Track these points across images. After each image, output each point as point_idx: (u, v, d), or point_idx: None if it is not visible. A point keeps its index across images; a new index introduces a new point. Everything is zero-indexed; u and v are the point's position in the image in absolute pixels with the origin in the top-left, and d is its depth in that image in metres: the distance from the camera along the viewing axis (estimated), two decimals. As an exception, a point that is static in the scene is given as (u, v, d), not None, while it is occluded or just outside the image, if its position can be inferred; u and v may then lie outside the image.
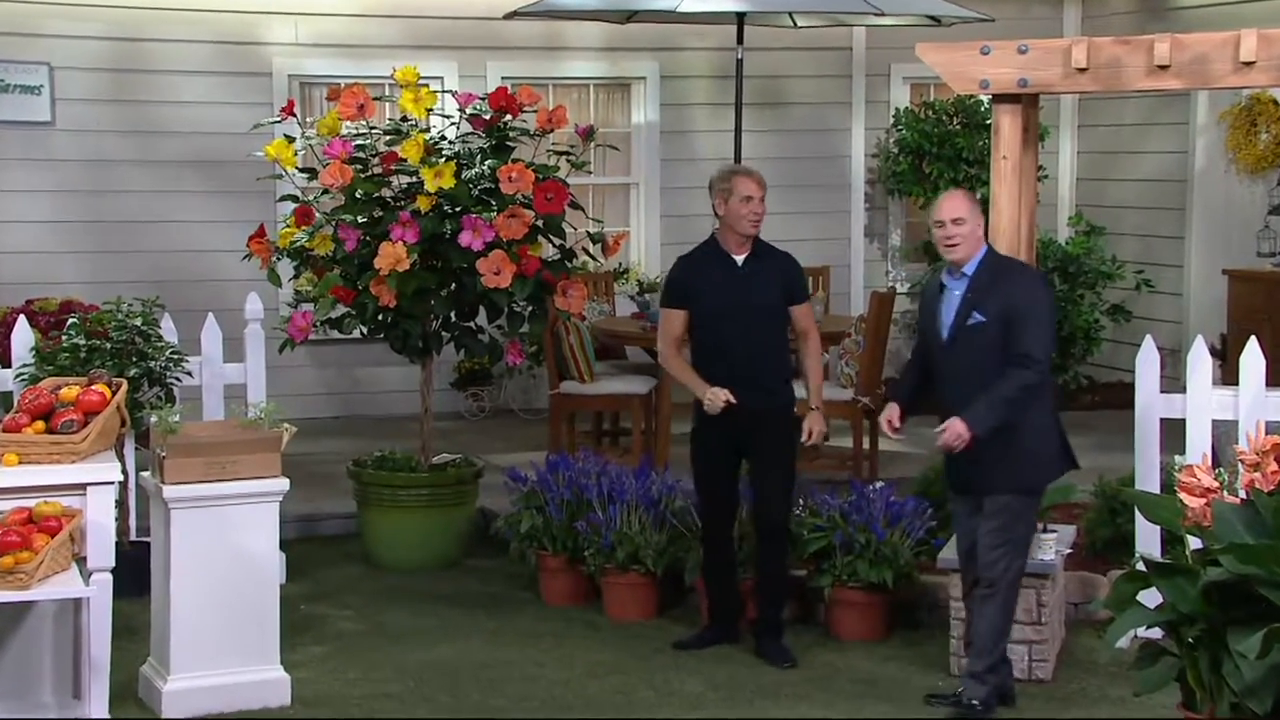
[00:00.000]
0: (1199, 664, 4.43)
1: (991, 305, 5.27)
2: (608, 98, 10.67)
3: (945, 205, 5.40)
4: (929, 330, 5.45)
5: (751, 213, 5.90)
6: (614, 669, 5.88)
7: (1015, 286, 5.30)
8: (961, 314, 5.31)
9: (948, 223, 5.33)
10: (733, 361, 5.88)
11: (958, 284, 5.36)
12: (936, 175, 10.41)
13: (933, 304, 5.44)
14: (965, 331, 5.29)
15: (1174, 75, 5.47)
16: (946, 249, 5.36)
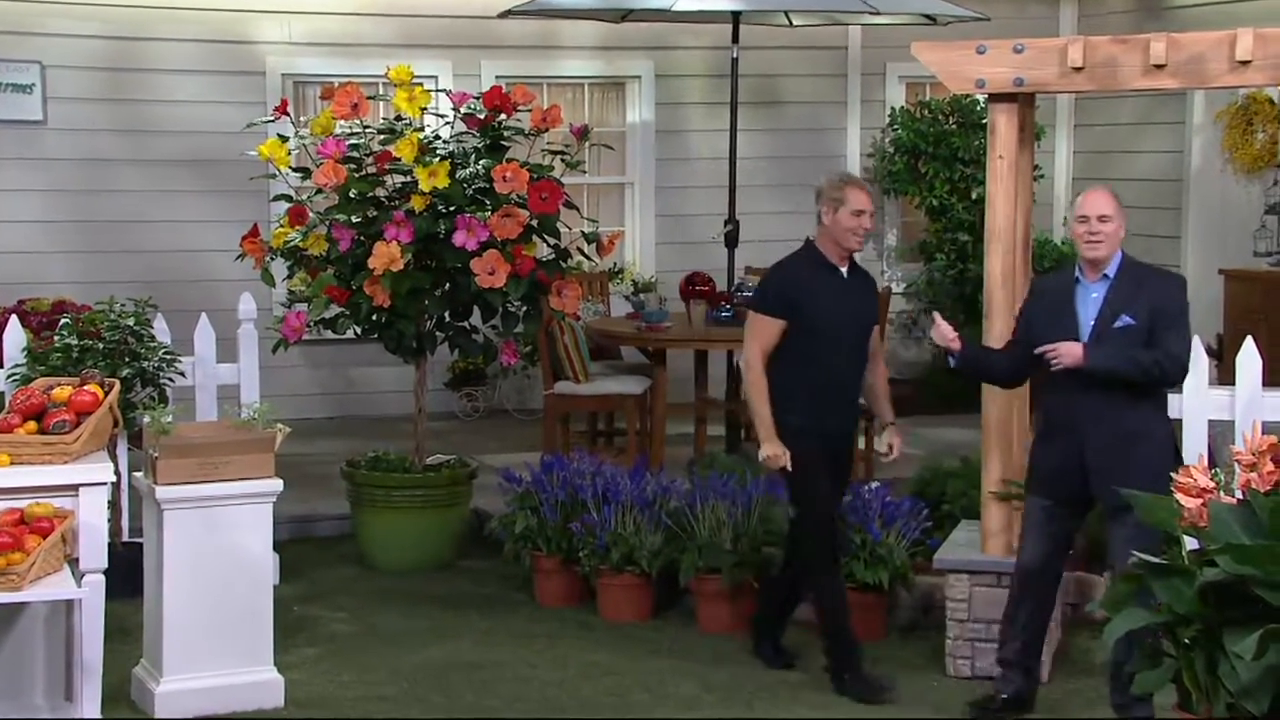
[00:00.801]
0: (1195, 665, 4.42)
1: (1139, 308, 5.08)
2: (603, 97, 10.65)
3: (1091, 201, 5.18)
4: (1051, 330, 5.14)
5: (860, 227, 5.62)
6: (608, 670, 5.86)
7: (1163, 290, 5.13)
8: (1105, 316, 5.10)
9: (1093, 219, 5.12)
10: (828, 377, 5.58)
11: (1097, 285, 5.14)
12: (932, 175, 10.40)
13: (1060, 303, 5.17)
14: (1110, 334, 5.08)
15: (1170, 75, 5.46)
16: (1089, 245, 5.13)
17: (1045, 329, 5.17)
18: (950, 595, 5.79)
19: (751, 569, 6.31)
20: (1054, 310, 5.19)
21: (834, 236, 5.66)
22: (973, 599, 5.75)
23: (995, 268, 5.77)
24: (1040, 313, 5.25)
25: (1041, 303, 5.29)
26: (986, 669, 5.70)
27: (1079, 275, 5.18)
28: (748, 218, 9.36)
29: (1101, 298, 5.12)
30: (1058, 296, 5.21)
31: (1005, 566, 5.72)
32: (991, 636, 5.71)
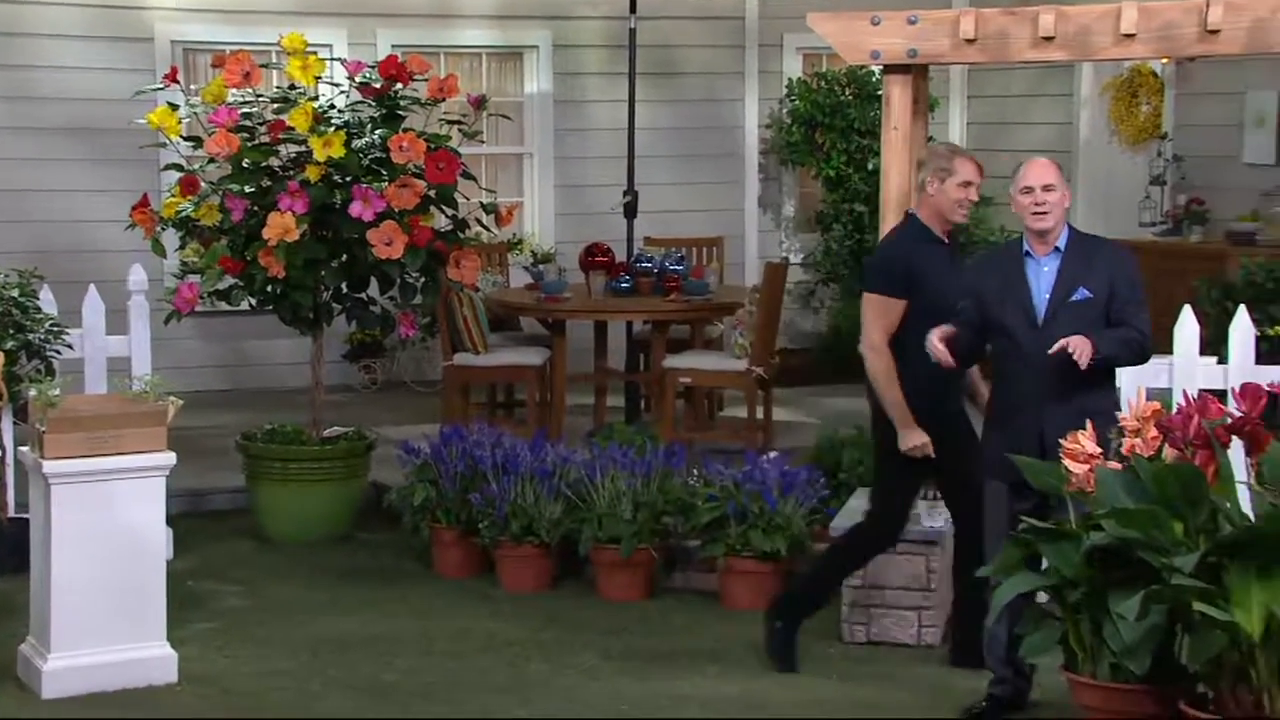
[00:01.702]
0: (1081, 627, 4.52)
1: (1096, 280, 4.88)
2: (500, 67, 10.59)
3: (1035, 171, 4.95)
4: (1002, 307, 4.95)
5: (967, 199, 5.36)
6: (507, 641, 5.86)
7: (1118, 263, 4.94)
8: (1060, 290, 4.90)
9: (1038, 189, 4.90)
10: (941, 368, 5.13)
11: (1048, 259, 4.93)
12: (829, 146, 10.47)
13: (1011, 279, 4.95)
14: (1067, 309, 4.88)
15: (1058, 47, 5.54)
16: (1036, 217, 4.91)
17: (998, 307, 4.97)
18: (846, 562, 5.86)
19: (650, 538, 6.34)
20: (1005, 286, 4.97)
21: (939, 208, 5.37)
22: (868, 566, 5.82)
23: (890, 238, 5.82)
24: (990, 290, 5.01)
25: (990, 280, 5.04)
26: (880, 635, 5.79)
27: (1028, 249, 4.97)
28: (646, 188, 9.38)
29: (1054, 271, 4.92)
30: (1007, 272, 4.99)
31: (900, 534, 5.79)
32: (885, 602, 5.79)
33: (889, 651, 5.72)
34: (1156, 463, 4.49)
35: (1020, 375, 4.94)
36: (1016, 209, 5.00)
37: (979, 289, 5.05)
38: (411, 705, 5.22)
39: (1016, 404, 4.96)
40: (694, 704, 5.24)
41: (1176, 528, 4.37)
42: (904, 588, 5.79)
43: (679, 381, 8.22)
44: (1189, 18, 5.36)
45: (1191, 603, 4.22)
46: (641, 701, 5.25)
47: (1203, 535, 4.34)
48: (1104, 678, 4.48)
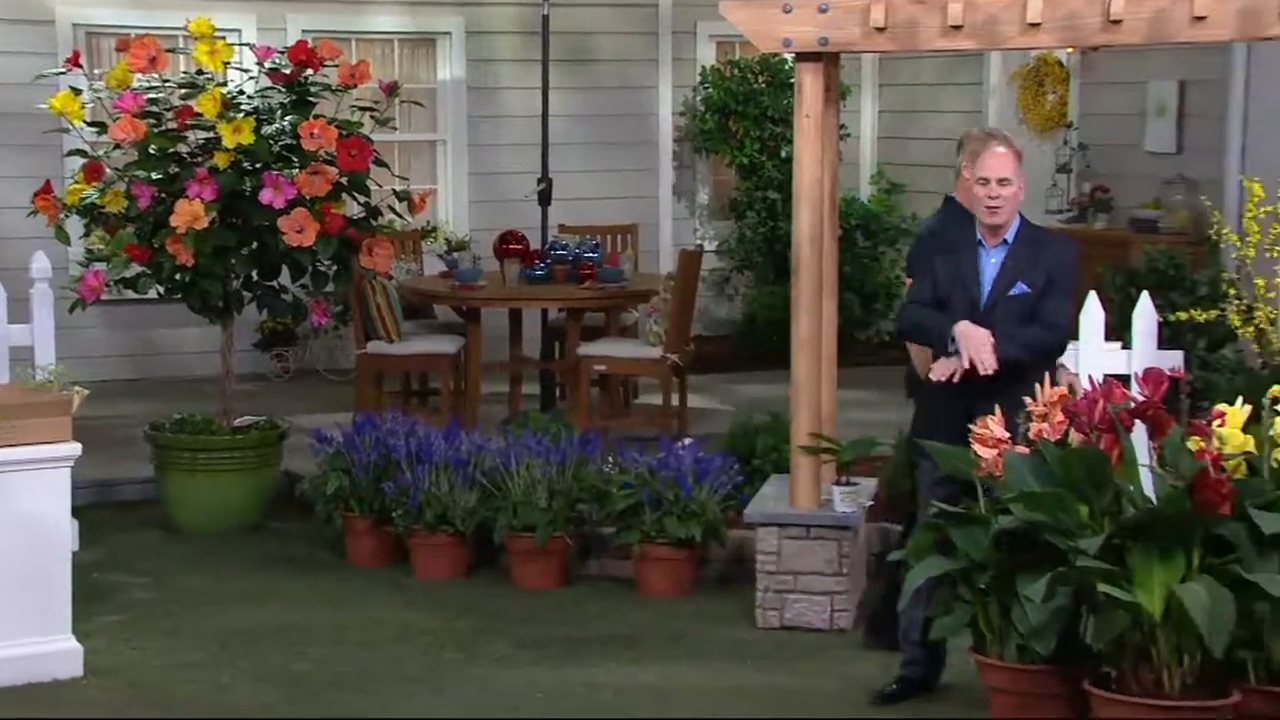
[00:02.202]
0: (989, 609, 4.59)
1: (1036, 275, 4.93)
2: (412, 53, 10.51)
3: (993, 162, 4.89)
4: (952, 289, 4.99)
5: (987, 196, 5.04)
6: (421, 630, 5.84)
7: (1058, 257, 4.97)
8: (1001, 283, 4.94)
9: (993, 182, 4.89)
10: None
11: (996, 250, 4.97)
12: (742, 134, 10.51)
13: (961, 262, 4.99)
14: (1006, 301, 4.93)
15: (967, 36, 5.59)
16: (989, 212, 4.91)
17: (948, 288, 5.00)
18: (760, 548, 5.90)
19: (565, 526, 6.34)
20: (956, 270, 5.00)
21: (968, 195, 5.21)
22: (782, 552, 5.87)
23: (803, 225, 5.86)
24: (944, 270, 5.04)
25: (944, 259, 5.05)
26: (794, 620, 5.83)
27: (980, 237, 5.00)
28: (561, 176, 9.36)
29: (1000, 263, 4.95)
30: (960, 256, 5.02)
31: (813, 519, 5.85)
32: (799, 588, 5.84)
33: (803, 636, 5.77)
34: (1063, 447, 4.57)
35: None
36: (964, 195, 4.98)
37: (936, 270, 5.06)
38: (323, 695, 5.19)
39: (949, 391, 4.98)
40: (608, 691, 5.25)
41: (1082, 511, 4.45)
42: (817, 573, 5.84)
43: (594, 369, 8.22)
44: (1092, 8, 5.44)
45: (1096, 584, 4.30)
46: (556, 689, 5.26)
47: (1107, 518, 4.43)
48: (1011, 659, 4.55)
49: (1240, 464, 4.48)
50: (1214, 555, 4.33)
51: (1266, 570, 4.27)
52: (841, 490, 5.88)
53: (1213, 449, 4.41)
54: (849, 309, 10.14)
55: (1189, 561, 4.29)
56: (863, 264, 10.54)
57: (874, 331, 10.63)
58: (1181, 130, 9.18)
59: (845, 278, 9.77)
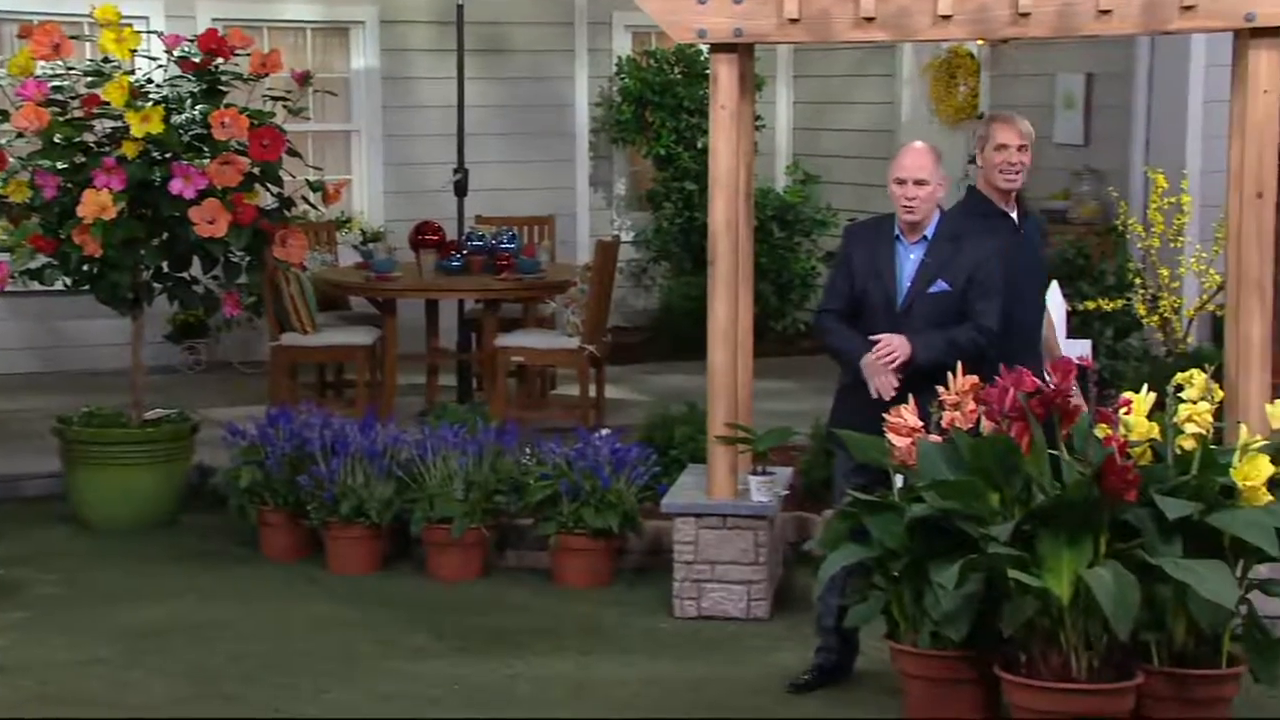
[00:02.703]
0: (903, 596, 4.65)
1: (956, 272, 4.96)
2: (325, 42, 10.40)
3: (909, 162, 4.96)
4: (869, 285, 5.02)
5: (1005, 162, 5.20)
6: (337, 623, 5.80)
7: (979, 255, 4.99)
8: (920, 280, 4.98)
9: (910, 182, 4.93)
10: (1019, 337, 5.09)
11: (916, 247, 5.01)
12: (659, 124, 10.53)
13: (878, 259, 5.01)
14: (924, 299, 4.97)
15: (879, 27, 5.64)
16: (905, 210, 4.95)
17: (865, 282, 5.04)
18: (677, 538, 5.92)
19: (482, 518, 6.32)
20: (873, 265, 5.04)
21: (987, 176, 5.28)
22: (699, 541, 5.89)
23: (719, 216, 5.88)
24: (861, 265, 5.07)
25: (862, 255, 5.09)
26: (711, 609, 5.86)
27: (899, 233, 5.04)
28: (477, 166, 9.32)
29: (918, 260, 5.00)
30: (878, 251, 5.05)
31: (730, 509, 5.88)
32: (716, 577, 5.87)
33: (720, 625, 5.79)
34: (975, 435, 4.63)
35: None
36: (890, 192, 5.04)
37: (854, 265, 5.10)
38: (236, 690, 5.14)
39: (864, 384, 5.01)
40: (526, 682, 5.25)
41: (993, 498, 4.51)
42: (734, 562, 5.87)
43: (511, 360, 8.20)
44: (1001, 1, 5.50)
45: (1006, 570, 4.37)
46: (474, 680, 5.25)
47: (1017, 505, 4.49)
48: (924, 645, 4.61)
49: (1145, 451, 4.57)
50: (1120, 540, 4.41)
51: (1170, 554, 4.35)
52: (758, 480, 5.92)
53: (1119, 436, 4.49)
54: (765, 299, 10.20)
55: (1096, 547, 4.37)
56: (779, 254, 10.60)
57: (790, 321, 10.70)
58: (1089, 122, 9.32)
59: (761, 268, 9.83)
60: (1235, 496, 4.43)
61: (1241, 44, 5.48)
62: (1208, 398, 4.57)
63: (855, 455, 4.90)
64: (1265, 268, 5.46)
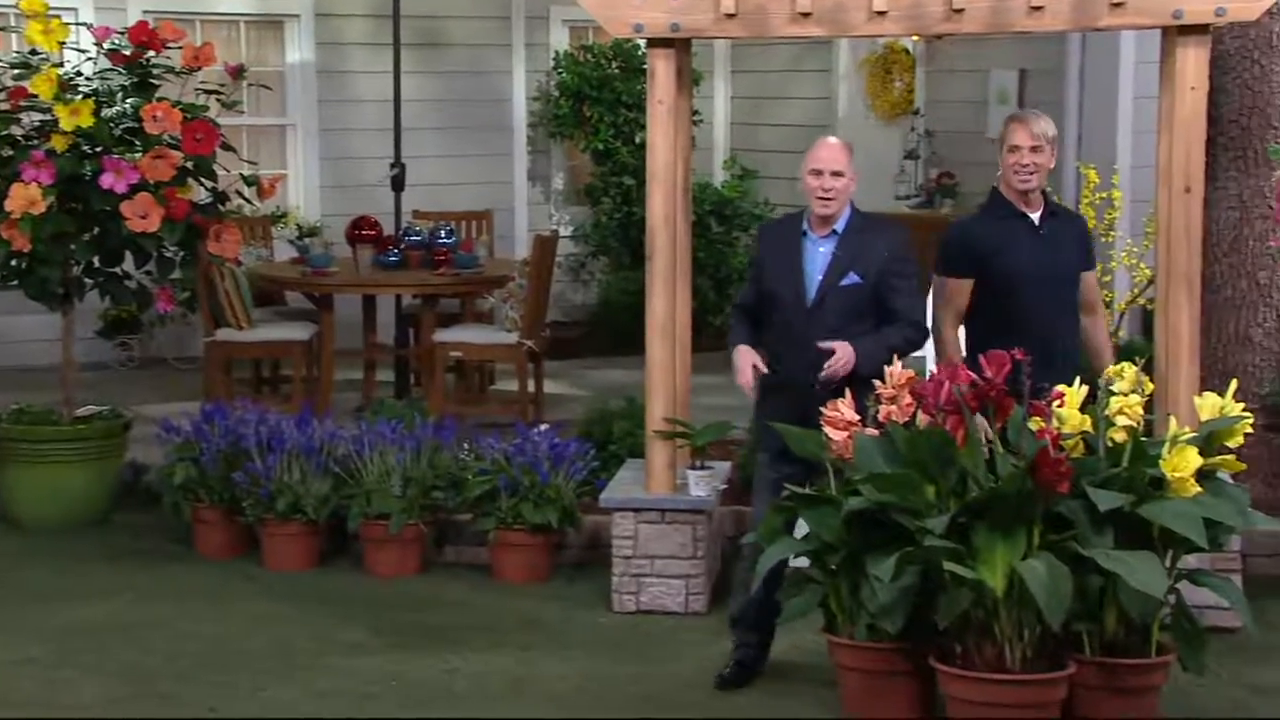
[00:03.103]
0: (840, 589, 4.68)
1: (867, 266, 4.96)
2: (259, 36, 10.31)
3: (826, 154, 4.96)
4: (780, 284, 5.02)
5: (1018, 164, 5.16)
6: (274, 620, 5.76)
7: (891, 248, 5.02)
8: (832, 274, 4.97)
9: (826, 174, 4.94)
10: (1027, 336, 4.96)
11: (825, 240, 5.00)
12: (597, 119, 10.52)
13: (787, 255, 5.02)
14: (836, 293, 4.96)
15: (815, 23, 5.67)
16: (821, 203, 4.95)
17: (774, 281, 5.05)
18: (616, 533, 5.92)
19: (420, 513, 6.30)
20: (781, 262, 5.04)
21: (1005, 177, 5.25)
22: (638, 536, 5.90)
23: (657, 210, 5.89)
24: (769, 263, 5.09)
25: (770, 252, 5.11)
26: (649, 604, 5.87)
27: (806, 228, 5.04)
28: (414, 161, 9.27)
29: (829, 253, 5.00)
30: (786, 247, 5.06)
31: (669, 503, 5.89)
32: (656, 571, 5.88)
33: (658, 620, 5.80)
34: (911, 428, 4.66)
35: (790, 353, 5.03)
36: (803, 186, 5.04)
37: (763, 263, 5.12)
38: (170, 689, 5.09)
39: (783, 380, 5.05)
40: (464, 677, 5.24)
41: (929, 491, 4.55)
42: (673, 556, 5.88)
43: (449, 355, 8.17)
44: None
45: (942, 563, 4.41)
46: (411, 676, 5.23)
47: (953, 498, 4.53)
48: (861, 638, 4.64)
49: (1078, 443, 4.62)
50: (1053, 532, 4.47)
51: (1101, 546, 4.41)
52: (696, 474, 5.93)
53: (1052, 429, 4.54)
54: (703, 294, 10.21)
55: (1030, 539, 4.42)
56: (717, 249, 10.62)
57: (728, 316, 10.70)
58: (1023, 118, 9.41)
59: (699, 263, 9.84)
60: (1164, 488, 4.49)
61: (1169, 41, 5.55)
62: (1138, 390, 4.62)
63: (793, 448, 4.93)
64: (1194, 262, 5.54)
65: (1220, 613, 5.28)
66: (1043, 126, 5.22)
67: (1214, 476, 4.60)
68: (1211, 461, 4.56)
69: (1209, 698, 4.94)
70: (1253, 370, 6.48)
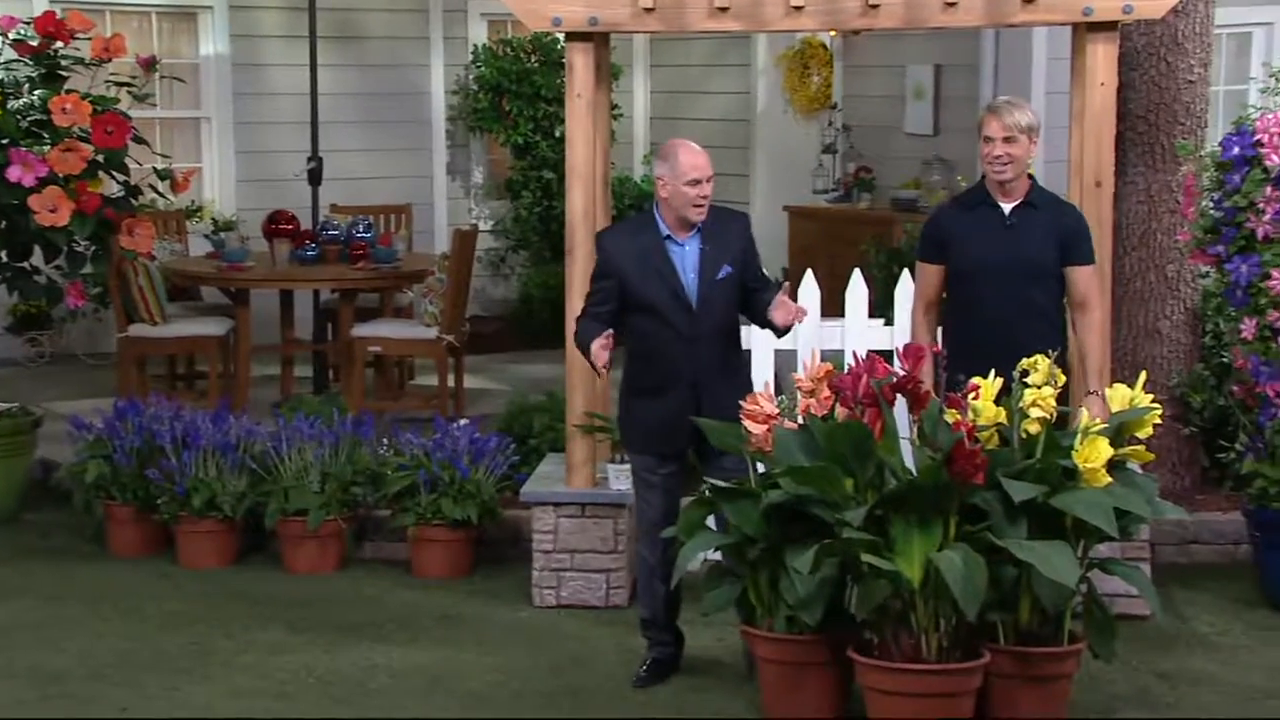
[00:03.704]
0: (759, 582, 4.70)
1: (731, 256, 5.01)
2: (172, 27, 10.16)
3: (702, 161, 4.96)
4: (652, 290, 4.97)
5: (990, 155, 5.12)
6: (189, 619, 5.69)
7: (743, 235, 5.09)
8: (708, 270, 4.98)
9: (703, 181, 4.96)
10: (986, 329, 5.05)
11: (688, 240, 5.01)
12: (516, 113, 10.49)
13: (651, 261, 4.98)
14: (714, 286, 4.99)
15: (733, 18, 5.69)
16: (697, 210, 4.96)
17: (642, 287, 5.00)
18: (536, 527, 5.91)
19: (339, 509, 6.25)
20: (647, 268, 5.00)
21: (983, 167, 5.23)
22: (558, 530, 5.89)
23: (576, 205, 5.88)
24: (631, 271, 5.01)
25: (629, 262, 5.03)
26: (570, 598, 5.87)
27: (668, 233, 5.03)
28: (332, 155, 9.20)
29: (696, 251, 5.01)
30: (647, 254, 5.01)
31: (589, 498, 5.89)
32: (576, 565, 5.88)
33: (579, 614, 5.80)
34: (830, 421, 4.69)
35: (674, 354, 5.00)
36: (674, 195, 4.97)
37: (621, 271, 5.04)
38: (81, 690, 5.01)
39: (668, 380, 5.03)
40: (383, 674, 5.20)
41: (847, 483, 4.58)
42: (593, 550, 5.88)
43: (368, 350, 8.11)
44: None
45: (860, 555, 4.44)
46: (329, 673, 5.19)
47: (871, 490, 4.57)
48: (780, 630, 4.67)
49: (993, 435, 4.67)
50: (969, 523, 4.51)
51: (1016, 536, 4.47)
52: (616, 468, 5.93)
53: (968, 421, 4.59)
54: (624, 288, 10.23)
55: (946, 530, 4.47)
56: (637, 243, 10.64)
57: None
58: (938, 112, 9.51)
59: (619, 257, 9.86)
60: (1077, 478, 4.55)
61: (1079, 38, 5.63)
62: (1051, 382, 4.69)
63: (712, 442, 4.95)
64: (1103, 255, 5.62)
65: (1130, 600, 5.38)
66: (1016, 116, 5.13)
67: (1124, 467, 4.68)
68: (1122, 452, 4.64)
69: (1119, 685, 5.02)
70: (1161, 362, 6.59)
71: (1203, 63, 6.63)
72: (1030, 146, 5.17)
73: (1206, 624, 5.07)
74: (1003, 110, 5.17)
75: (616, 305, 5.05)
